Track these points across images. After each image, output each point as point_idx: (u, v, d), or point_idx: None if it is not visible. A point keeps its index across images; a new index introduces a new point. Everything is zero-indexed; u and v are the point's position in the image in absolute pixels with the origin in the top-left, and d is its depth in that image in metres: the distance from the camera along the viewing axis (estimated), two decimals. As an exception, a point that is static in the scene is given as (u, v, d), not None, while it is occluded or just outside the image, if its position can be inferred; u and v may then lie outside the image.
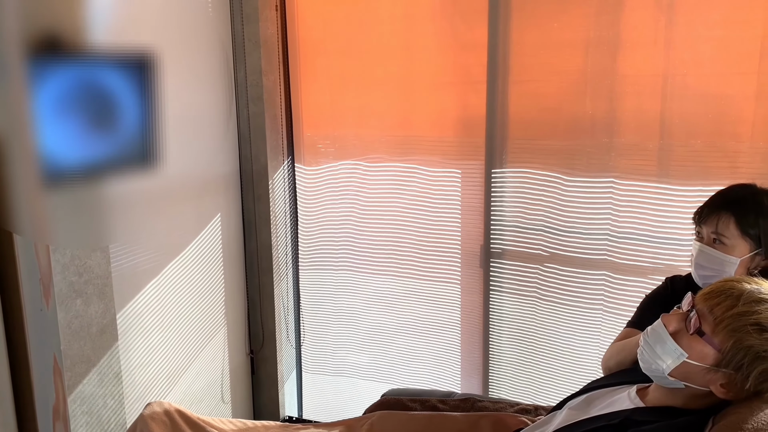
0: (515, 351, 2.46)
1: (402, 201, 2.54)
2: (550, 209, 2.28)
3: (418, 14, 2.37)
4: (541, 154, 2.26)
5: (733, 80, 1.97)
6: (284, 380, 2.85)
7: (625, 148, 2.13)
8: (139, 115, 1.58)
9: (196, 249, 2.43)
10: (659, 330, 1.22)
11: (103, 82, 1.48)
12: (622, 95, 2.12)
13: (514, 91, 2.27)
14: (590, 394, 1.42)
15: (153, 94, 1.63)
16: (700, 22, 1.97)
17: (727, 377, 1.14)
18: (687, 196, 2.05)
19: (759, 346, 1.10)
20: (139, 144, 1.59)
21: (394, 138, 2.50)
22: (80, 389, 1.86)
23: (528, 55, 2.22)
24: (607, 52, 2.11)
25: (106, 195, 1.59)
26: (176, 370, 2.39)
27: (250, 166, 2.62)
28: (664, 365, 1.19)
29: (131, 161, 1.63)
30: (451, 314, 2.54)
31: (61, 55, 1.31)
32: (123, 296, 2.07)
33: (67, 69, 1.35)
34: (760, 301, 1.13)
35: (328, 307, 2.78)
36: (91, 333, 1.87)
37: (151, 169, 1.66)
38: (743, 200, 1.49)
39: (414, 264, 2.57)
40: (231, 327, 2.67)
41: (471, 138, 2.36)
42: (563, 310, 2.32)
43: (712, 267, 1.50)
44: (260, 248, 2.69)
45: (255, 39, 2.50)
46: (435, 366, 2.62)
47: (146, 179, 1.95)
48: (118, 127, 1.53)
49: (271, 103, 2.59)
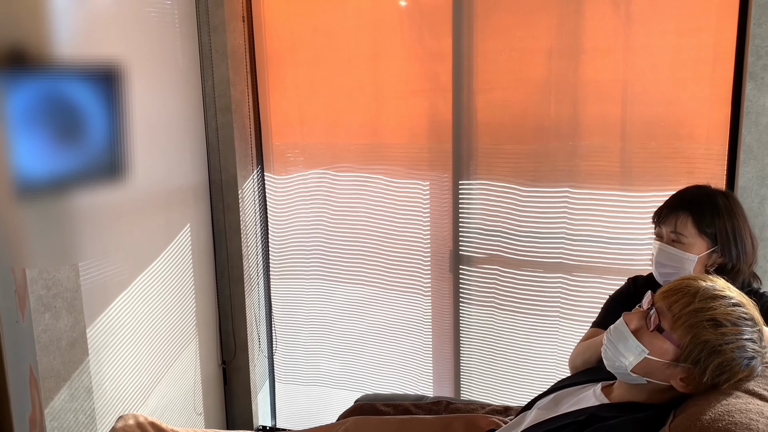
0: (485, 353, 2.50)
1: (371, 209, 2.56)
2: (512, 216, 2.33)
3: (385, 24, 2.41)
4: (508, 159, 2.31)
5: (688, 85, 2.05)
6: (257, 390, 2.84)
7: (588, 151, 2.19)
8: (106, 127, 1.58)
9: (166, 260, 2.42)
10: (621, 328, 1.26)
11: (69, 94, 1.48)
12: (584, 101, 2.18)
13: (480, 99, 2.32)
14: (558, 393, 1.46)
15: (120, 106, 1.63)
16: (656, 30, 2.04)
17: (686, 371, 1.18)
18: (644, 199, 2.12)
19: (714, 341, 1.15)
20: (106, 156, 1.59)
21: (363, 146, 2.53)
22: (51, 404, 1.84)
23: (493, 63, 2.27)
24: (569, 60, 2.17)
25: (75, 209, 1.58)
26: (149, 382, 2.38)
27: (219, 176, 2.62)
28: (626, 362, 1.24)
29: (99, 174, 1.63)
30: (422, 320, 2.57)
31: (25, 68, 1.30)
32: (93, 309, 2.06)
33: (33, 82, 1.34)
34: (715, 297, 1.18)
35: (300, 316, 2.79)
36: (60, 347, 1.86)
37: (120, 182, 1.66)
38: (700, 201, 1.56)
39: (384, 271, 2.60)
40: (203, 337, 2.66)
41: (439, 144, 2.40)
42: (534, 313, 2.37)
43: (672, 264, 1.56)
44: (231, 258, 2.69)
45: (222, 50, 2.50)
46: (407, 371, 2.65)
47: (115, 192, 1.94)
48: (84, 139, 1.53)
49: (240, 114, 2.59)
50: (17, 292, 0.67)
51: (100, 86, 1.67)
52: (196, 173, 2.57)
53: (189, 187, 2.54)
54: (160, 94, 2.36)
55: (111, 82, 1.69)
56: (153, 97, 2.32)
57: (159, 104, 2.35)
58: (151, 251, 2.35)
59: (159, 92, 2.35)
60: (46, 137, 1.42)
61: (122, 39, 2.14)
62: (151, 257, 2.35)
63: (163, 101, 2.38)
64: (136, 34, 2.21)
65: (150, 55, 2.30)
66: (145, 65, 2.28)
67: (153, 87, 2.32)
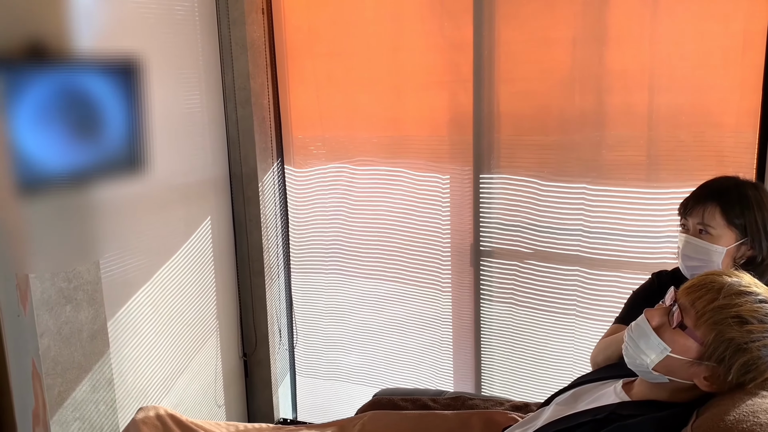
0: (506, 348, 2.47)
1: (391, 203, 2.54)
2: (533, 209, 2.29)
3: (405, 14, 2.38)
4: (531, 151, 2.26)
5: (717, 73, 1.98)
6: (278, 383, 2.85)
7: (614, 142, 2.14)
8: (125, 120, 1.58)
9: (187, 253, 2.43)
10: (642, 325, 1.22)
11: (87, 87, 1.48)
12: (609, 90, 2.13)
13: (502, 90, 2.27)
14: (577, 389, 1.42)
15: (139, 99, 1.63)
16: (683, 16, 1.98)
17: (710, 370, 1.14)
18: (670, 192, 2.06)
19: (740, 339, 1.11)
20: (126, 149, 1.59)
21: (383, 138, 2.51)
22: (73, 395, 1.86)
23: (515, 53, 2.23)
24: (593, 48, 2.12)
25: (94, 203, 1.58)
26: (170, 374, 2.39)
27: (239, 169, 2.63)
28: (648, 360, 1.20)
29: (119, 167, 1.63)
30: (442, 314, 2.55)
31: (45, 62, 1.31)
32: (114, 302, 2.07)
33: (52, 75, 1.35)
34: (741, 293, 1.13)
35: (321, 310, 2.78)
36: (81, 339, 1.88)
37: (139, 175, 1.66)
38: (728, 191, 1.50)
39: (404, 265, 2.58)
40: (223, 330, 2.67)
41: (460, 136, 2.37)
42: (553, 309, 2.33)
43: (699, 257, 1.51)
44: (251, 251, 2.69)
45: (242, 42, 2.50)
46: (428, 366, 2.63)
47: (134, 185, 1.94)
48: (103, 132, 1.53)
49: (259, 106, 2.59)
50: (19, 286, 0.66)
51: (119, 79, 1.67)
52: (216, 166, 2.58)
53: (209, 180, 2.55)
54: (180, 87, 2.36)
55: (130, 76, 1.69)
56: (173, 90, 2.33)
57: (179, 97, 2.36)
58: (172, 244, 2.36)
59: (179, 85, 2.36)
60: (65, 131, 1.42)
61: (141, 32, 2.15)
62: (172, 250, 2.36)
63: (183, 94, 2.38)
64: (155, 28, 2.22)
65: (170, 48, 2.30)
66: (165, 58, 2.28)
67: (173, 80, 2.32)
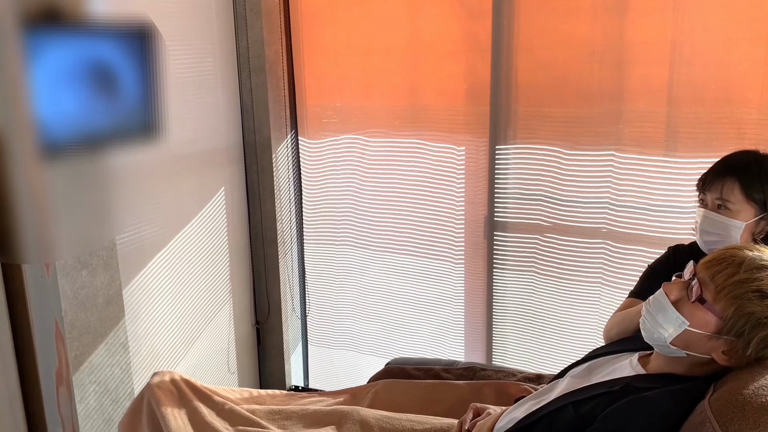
0: (519, 320, 2.47)
1: (405, 175, 2.53)
2: (552, 181, 2.27)
3: (423, -19, 2.34)
4: (548, 122, 2.24)
5: (742, 46, 1.94)
6: (290, 351, 2.88)
7: (632, 116, 2.11)
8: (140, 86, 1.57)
9: (201, 222, 2.43)
10: (661, 299, 1.21)
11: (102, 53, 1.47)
12: (629, 62, 2.09)
13: (521, 60, 2.24)
14: (592, 362, 1.42)
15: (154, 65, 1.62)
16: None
17: (729, 344, 1.14)
18: (690, 166, 2.03)
19: (760, 313, 1.10)
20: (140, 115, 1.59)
21: (398, 108, 2.48)
22: (90, 359, 1.89)
23: (534, 22, 2.19)
24: (614, 19, 2.07)
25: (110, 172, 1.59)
26: (184, 340, 2.42)
27: (253, 138, 2.62)
28: (666, 334, 1.19)
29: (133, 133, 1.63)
30: (455, 286, 2.55)
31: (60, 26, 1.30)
32: (129, 269, 2.09)
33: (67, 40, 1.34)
34: (762, 267, 1.12)
35: (333, 280, 2.79)
36: (97, 304, 1.89)
37: (154, 142, 1.66)
38: (747, 166, 1.48)
39: (418, 236, 2.57)
40: (237, 298, 2.69)
41: (476, 107, 2.34)
42: (574, 280, 2.33)
43: (717, 232, 1.49)
44: (265, 220, 2.69)
45: (257, 9, 2.47)
46: (439, 337, 2.64)
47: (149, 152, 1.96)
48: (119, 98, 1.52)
49: (274, 74, 2.57)
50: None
51: (135, 45, 1.66)
52: (230, 135, 2.57)
53: (223, 149, 2.54)
54: (194, 53, 2.34)
55: (145, 41, 1.68)
56: (187, 56, 2.31)
57: (193, 64, 2.34)
58: (186, 213, 2.37)
59: (193, 52, 2.34)
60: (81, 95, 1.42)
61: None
62: (186, 219, 2.37)
63: (197, 61, 2.36)
64: (170, -7, 2.19)
65: (184, 13, 2.28)
66: (179, 24, 2.26)
67: (187, 47, 2.30)
